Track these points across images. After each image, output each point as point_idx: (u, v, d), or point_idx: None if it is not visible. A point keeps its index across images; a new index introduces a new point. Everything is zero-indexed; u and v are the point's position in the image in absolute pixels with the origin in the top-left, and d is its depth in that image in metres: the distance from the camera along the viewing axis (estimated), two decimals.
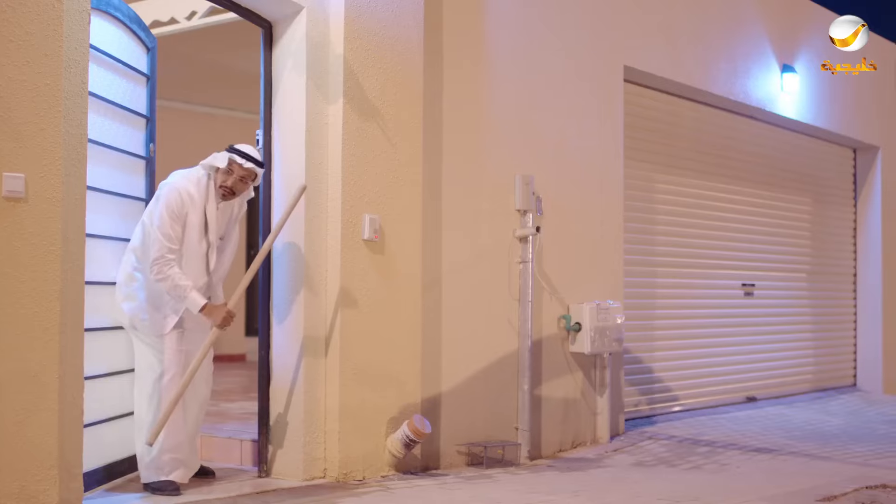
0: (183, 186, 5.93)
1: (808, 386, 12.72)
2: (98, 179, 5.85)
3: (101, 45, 5.91)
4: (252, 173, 6.12)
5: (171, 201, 5.87)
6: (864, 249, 13.84)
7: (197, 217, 5.94)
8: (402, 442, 6.67)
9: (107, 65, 6.04)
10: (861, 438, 9.72)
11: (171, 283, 5.80)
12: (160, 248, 5.80)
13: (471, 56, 7.69)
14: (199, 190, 5.99)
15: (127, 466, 6.25)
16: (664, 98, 10.30)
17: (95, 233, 5.81)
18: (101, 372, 5.95)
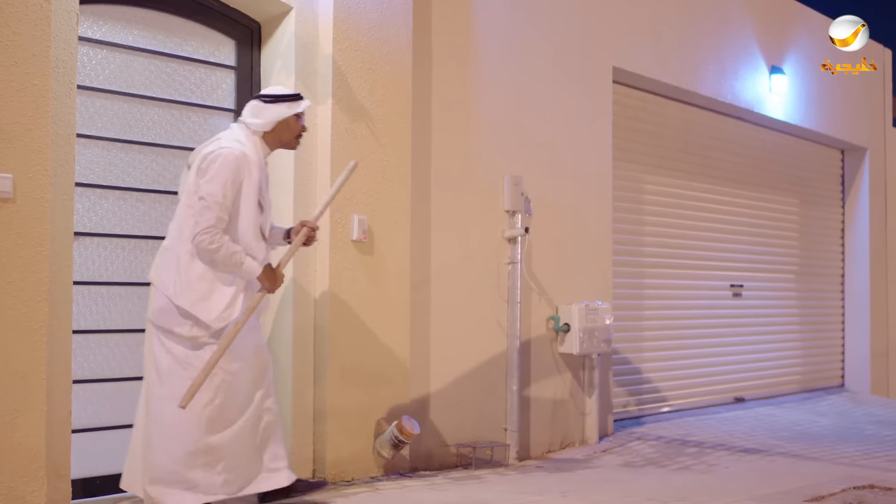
0: (238, 150, 5.40)
1: (797, 386, 12.75)
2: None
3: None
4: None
5: (227, 167, 5.32)
6: (851, 250, 13.87)
7: (252, 180, 5.42)
8: (391, 443, 6.67)
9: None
10: (849, 439, 9.75)
11: (226, 250, 5.27)
12: (212, 217, 5.25)
13: (460, 57, 7.69)
14: (254, 151, 5.50)
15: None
16: (653, 99, 10.31)
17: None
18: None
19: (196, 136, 6.39)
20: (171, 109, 6.32)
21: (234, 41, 6.64)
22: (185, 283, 5.30)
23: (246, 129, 5.57)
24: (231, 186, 5.32)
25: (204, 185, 5.30)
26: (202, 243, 5.25)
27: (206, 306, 5.30)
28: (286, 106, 5.59)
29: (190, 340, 5.30)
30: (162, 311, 5.32)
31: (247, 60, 6.67)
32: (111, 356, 6.00)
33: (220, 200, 5.28)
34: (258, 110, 5.58)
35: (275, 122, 5.58)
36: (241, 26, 6.65)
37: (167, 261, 5.38)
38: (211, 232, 5.25)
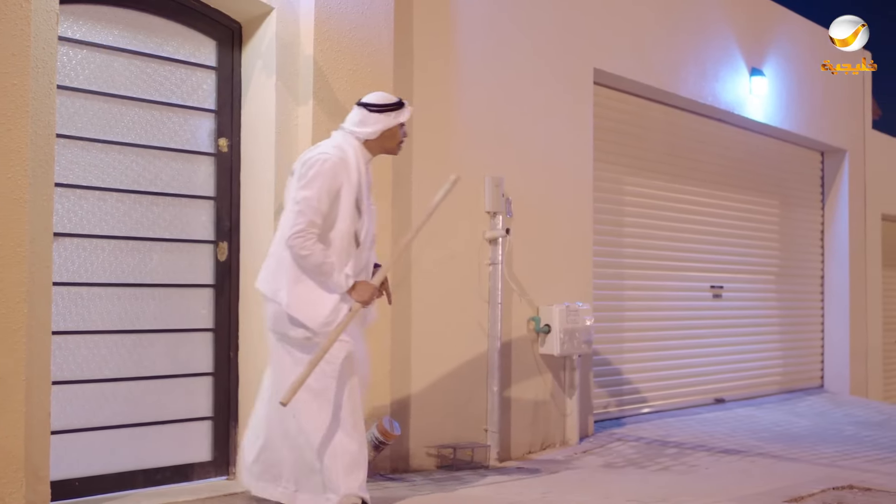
0: (337, 156, 5.46)
1: (776, 387, 12.80)
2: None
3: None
4: None
5: (324, 173, 5.38)
6: (831, 252, 13.94)
7: (351, 186, 5.46)
8: (372, 444, 6.65)
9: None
10: (828, 439, 9.79)
11: (316, 259, 5.32)
12: (305, 221, 5.31)
13: (441, 58, 7.69)
14: (354, 157, 5.53)
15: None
16: (634, 101, 10.34)
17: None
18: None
19: (176, 137, 6.37)
20: (152, 110, 6.30)
21: (214, 42, 6.62)
22: (289, 288, 5.39)
23: (348, 136, 5.64)
24: (327, 192, 5.37)
25: (300, 191, 5.38)
26: (294, 248, 5.33)
27: (311, 311, 5.38)
28: (392, 115, 5.66)
29: (305, 342, 5.40)
30: (276, 316, 5.46)
31: (228, 61, 6.66)
32: (91, 357, 5.98)
33: (314, 205, 5.34)
34: (364, 118, 5.64)
35: (381, 131, 5.64)
36: (222, 27, 6.64)
37: (273, 267, 5.50)
38: (303, 236, 5.31)
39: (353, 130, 5.63)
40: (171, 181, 6.37)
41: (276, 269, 5.47)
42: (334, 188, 5.40)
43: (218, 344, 6.55)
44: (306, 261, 5.33)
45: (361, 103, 5.71)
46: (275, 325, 5.49)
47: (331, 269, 5.36)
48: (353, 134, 5.64)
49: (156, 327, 6.28)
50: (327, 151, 5.48)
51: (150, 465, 6.22)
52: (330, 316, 5.38)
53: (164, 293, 6.33)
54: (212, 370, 6.52)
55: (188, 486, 6.29)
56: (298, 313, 5.37)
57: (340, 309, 5.41)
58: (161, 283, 6.31)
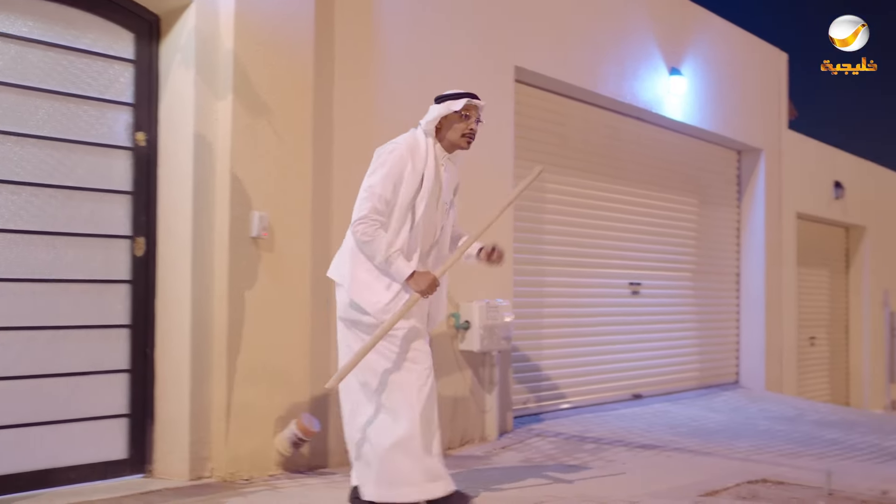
0: (403, 146, 5.49)
1: (693, 383, 12.96)
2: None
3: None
4: (479, 113, 5.72)
5: (388, 161, 5.42)
6: (747, 249, 14.15)
7: (416, 175, 5.46)
8: (291, 441, 6.63)
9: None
10: (743, 434, 9.94)
11: (378, 245, 5.32)
12: (368, 207, 5.34)
13: (362, 53, 7.67)
14: (424, 149, 5.54)
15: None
16: (555, 99, 10.40)
17: None
18: None
19: (93, 130, 6.29)
20: (68, 103, 6.21)
21: (132, 34, 6.54)
22: (354, 275, 5.43)
23: (421, 130, 5.64)
24: (390, 179, 5.39)
25: (367, 178, 5.45)
26: (356, 234, 5.37)
27: (372, 298, 5.39)
28: (445, 105, 5.60)
29: (375, 329, 5.38)
30: (344, 304, 5.51)
31: (146, 54, 6.58)
32: (4, 354, 5.88)
33: (378, 192, 5.36)
34: (429, 111, 5.64)
35: (436, 120, 5.61)
36: (140, 19, 6.56)
37: (343, 256, 5.54)
38: (366, 222, 5.34)
39: (421, 122, 5.66)
40: (87, 175, 6.28)
41: (343, 255, 5.54)
42: (400, 177, 5.43)
43: (134, 340, 6.47)
44: (368, 247, 5.36)
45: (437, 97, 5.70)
46: (345, 312, 5.52)
47: (392, 259, 5.36)
48: (421, 127, 5.65)
49: (71, 323, 6.19)
50: (397, 142, 5.55)
51: (65, 463, 6.13)
52: (391, 303, 5.38)
53: (80, 289, 6.25)
54: (128, 367, 6.45)
55: (104, 485, 6.21)
56: (359, 298, 5.40)
57: (401, 296, 5.41)
58: (77, 279, 6.23)
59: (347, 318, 5.53)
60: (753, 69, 14.25)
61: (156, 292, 6.53)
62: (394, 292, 5.41)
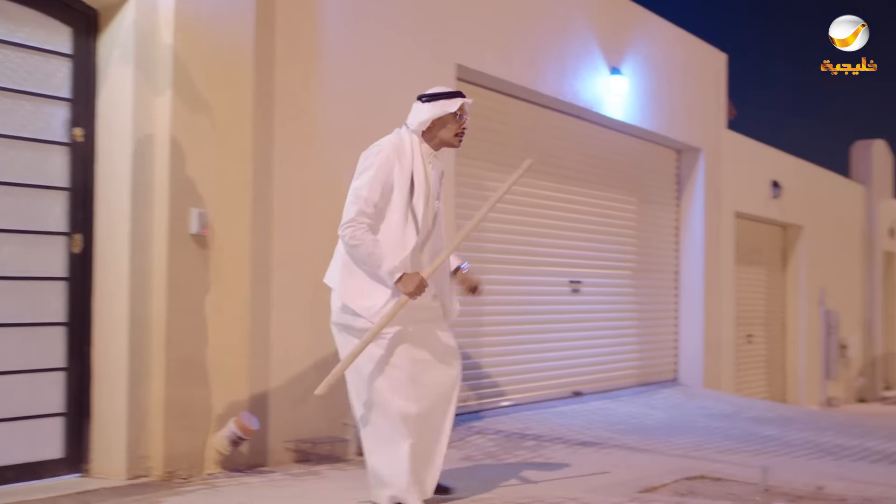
0: (388, 148, 5.51)
1: (632, 381, 13.05)
2: None
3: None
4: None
5: (374, 164, 5.44)
6: (686, 248, 14.27)
7: (404, 176, 5.48)
8: (229, 439, 6.60)
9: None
10: (681, 431, 10.03)
11: (366, 249, 5.33)
12: (355, 210, 5.37)
13: (304, 50, 7.64)
14: (410, 149, 5.56)
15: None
16: (496, 97, 10.42)
17: None
18: None
19: (30, 126, 6.21)
20: (4, 97, 6.13)
21: (70, 29, 6.46)
22: (346, 280, 5.47)
23: (407, 131, 5.66)
24: (380, 182, 5.41)
25: (353, 182, 5.48)
26: (344, 237, 5.39)
27: (363, 302, 5.43)
28: (440, 105, 5.64)
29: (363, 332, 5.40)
30: (339, 310, 5.53)
31: (83, 49, 6.51)
32: None
33: (364, 195, 5.38)
34: (417, 109, 5.68)
35: (429, 120, 5.64)
36: (78, 13, 6.48)
37: (336, 261, 5.57)
38: (353, 226, 5.36)
39: (408, 123, 5.69)
40: (23, 171, 6.20)
41: (337, 261, 5.56)
42: (387, 180, 5.44)
43: (71, 338, 6.40)
44: (356, 250, 5.38)
45: (418, 96, 5.74)
46: (337, 317, 5.55)
47: (379, 260, 5.36)
48: (408, 127, 5.67)
49: (6, 321, 6.11)
50: (381, 144, 5.57)
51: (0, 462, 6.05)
52: (384, 308, 5.39)
53: (16, 286, 6.17)
54: (65, 365, 6.38)
55: (40, 484, 6.14)
56: (352, 303, 5.43)
57: (394, 299, 5.41)
58: (12, 276, 6.15)
59: (339, 323, 5.57)
60: (693, 69, 14.37)
61: (93, 290, 6.46)
62: (387, 295, 5.43)
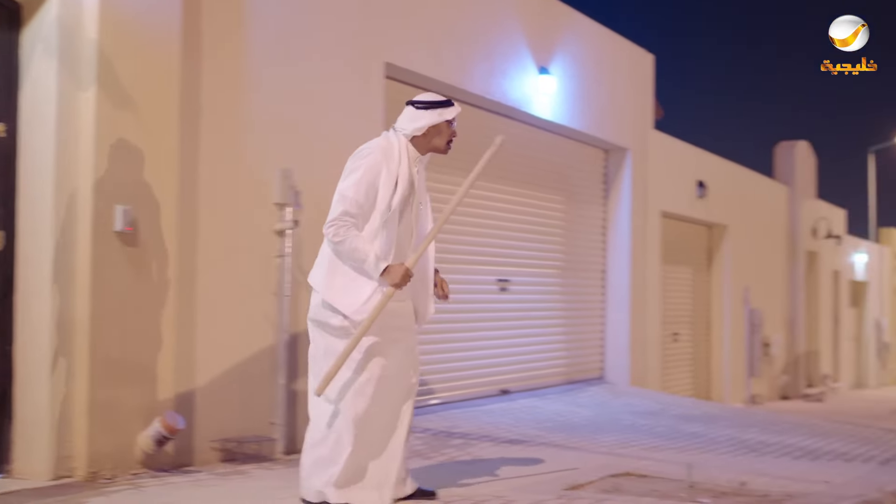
0: (381, 149, 5.64)
1: (560, 379, 13.12)
2: None
3: None
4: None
5: (361, 166, 5.56)
6: (613, 247, 14.37)
7: (391, 178, 5.58)
8: (154, 438, 6.54)
9: None
10: (607, 429, 10.10)
11: (350, 244, 5.43)
12: (340, 211, 5.48)
13: (232, 45, 7.59)
14: (398, 153, 5.67)
15: None
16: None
17: None
18: None
19: None
20: None
21: None
22: (329, 277, 5.54)
23: (395, 134, 5.76)
24: (366, 184, 5.51)
25: (340, 183, 5.58)
26: (328, 235, 5.50)
27: (347, 300, 5.49)
28: (437, 112, 5.81)
29: (342, 331, 5.50)
30: (317, 306, 5.59)
31: (6, 43, 6.41)
32: None
33: (350, 195, 5.48)
34: (411, 116, 5.79)
35: (426, 127, 5.77)
36: (1, 7, 6.38)
37: (321, 261, 5.64)
38: (336, 224, 5.46)
39: (402, 128, 5.77)
40: None
41: (321, 260, 5.66)
42: (374, 182, 5.53)
43: None
44: (341, 246, 5.46)
45: (410, 101, 5.86)
46: (314, 313, 5.61)
47: (364, 255, 5.44)
48: (401, 131, 5.76)
49: None
50: (371, 146, 5.67)
51: None
52: (364, 305, 5.48)
53: None
54: None
55: None
56: (335, 301, 5.50)
57: (376, 296, 5.50)
58: None
59: (316, 319, 5.62)
60: (621, 70, 14.49)
61: (15, 287, 6.37)
62: (369, 292, 5.51)
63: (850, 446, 10.49)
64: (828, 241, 24.76)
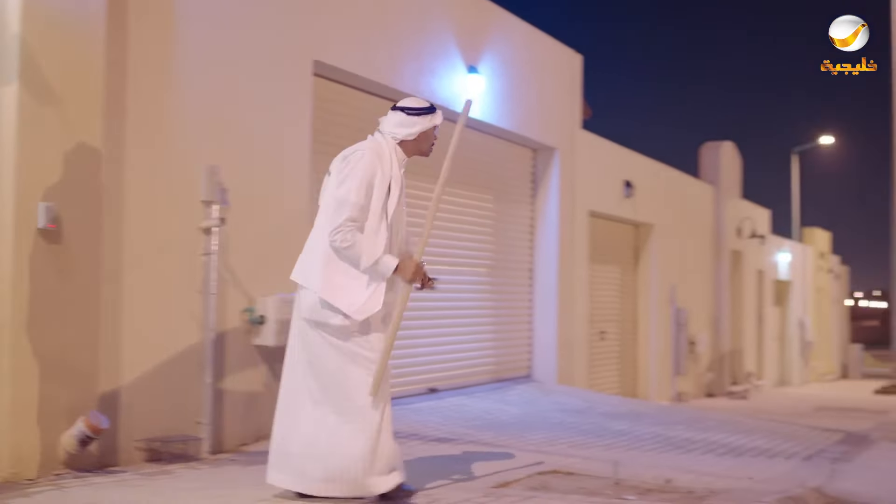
0: (375, 152, 5.85)
1: (488, 377, 13.16)
2: None
3: None
4: None
5: (361, 169, 5.74)
6: (540, 246, 14.45)
7: (385, 181, 5.81)
8: (78, 438, 6.46)
9: None
10: (535, 427, 10.16)
11: (360, 248, 5.62)
12: (345, 217, 5.63)
13: (159, 40, 7.51)
14: (389, 156, 5.91)
15: None
16: (354, 94, 10.39)
17: None
18: None
19: None
20: None
21: None
22: (329, 278, 5.67)
23: (385, 137, 6.00)
24: (364, 187, 5.69)
25: (339, 188, 5.70)
26: (335, 242, 5.63)
27: (348, 300, 5.65)
28: (429, 118, 6.06)
29: (342, 330, 5.67)
30: (312, 305, 5.71)
31: None
32: None
33: (353, 200, 5.64)
34: (403, 121, 6.01)
35: (419, 132, 6.02)
36: None
37: (311, 260, 5.76)
38: (343, 230, 5.60)
39: (393, 132, 6.00)
40: None
41: (310, 258, 5.79)
42: (371, 182, 5.73)
43: None
44: (350, 251, 5.63)
45: (400, 107, 6.06)
46: (311, 313, 5.72)
47: (373, 255, 5.66)
48: (391, 135, 5.99)
49: None
50: (362, 148, 5.86)
51: None
52: (366, 305, 5.68)
53: None
54: None
55: None
56: (335, 300, 5.64)
57: (376, 295, 5.73)
58: None
59: (313, 320, 5.73)
60: (549, 69, 14.56)
61: None
62: (370, 292, 5.71)
63: (773, 443, 10.65)
64: (752, 240, 25.10)
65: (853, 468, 9.35)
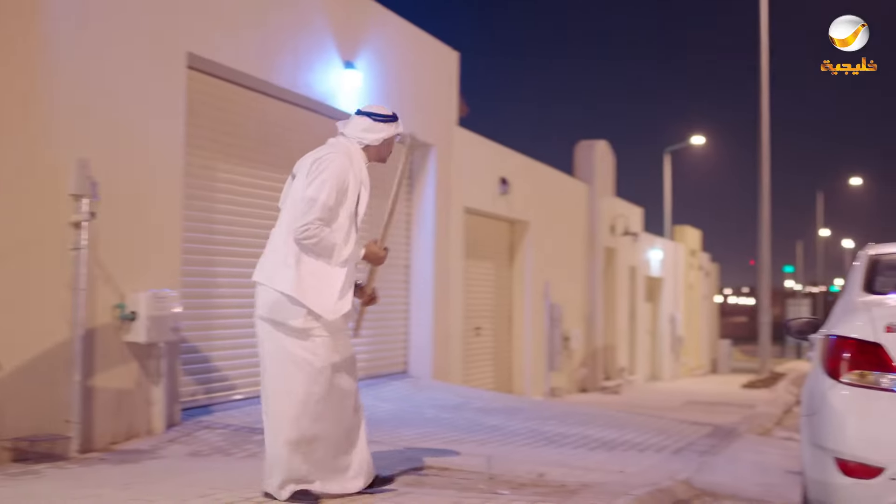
0: (345, 154, 6.02)
1: (362, 373, 12.98)
2: None
3: None
4: None
5: (333, 173, 5.87)
6: (417, 242, 14.48)
7: (355, 185, 6.02)
8: None
9: None
10: (410, 423, 10.18)
11: (327, 241, 5.76)
12: (312, 217, 5.73)
13: (27, 32, 7.34)
14: (357, 159, 6.12)
15: None
16: (229, 87, 10.28)
17: None
18: None
19: None
20: None
21: None
22: (299, 279, 5.76)
23: (350, 141, 6.18)
24: (333, 188, 5.83)
25: (308, 189, 5.80)
26: (302, 239, 5.74)
27: (321, 300, 5.78)
28: (393, 126, 6.30)
29: (302, 332, 5.79)
30: (275, 304, 5.84)
31: None
32: None
33: (322, 200, 5.77)
34: (370, 127, 6.21)
35: (384, 139, 6.25)
36: None
37: (275, 261, 5.88)
38: (309, 228, 5.71)
39: (359, 136, 6.18)
40: None
41: (273, 258, 5.90)
42: (343, 184, 5.89)
43: None
44: (318, 246, 5.76)
45: (366, 112, 6.26)
46: (270, 313, 5.87)
47: (341, 248, 5.83)
48: (357, 139, 6.17)
49: None
50: (334, 150, 6.03)
51: None
52: (337, 304, 5.84)
53: None
54: None
55: None
56: (309, 301, 5.76)
57: (346, 297, 5.92)
58: None
59: (272, 319, 5.88)
60: (426, 66, 14.60)
61: None
62: (339, 293, 5.88)
63: (644, 436, 10.84)
64: (625, 237, 25.50)
65: (720, 461, 9.58)
